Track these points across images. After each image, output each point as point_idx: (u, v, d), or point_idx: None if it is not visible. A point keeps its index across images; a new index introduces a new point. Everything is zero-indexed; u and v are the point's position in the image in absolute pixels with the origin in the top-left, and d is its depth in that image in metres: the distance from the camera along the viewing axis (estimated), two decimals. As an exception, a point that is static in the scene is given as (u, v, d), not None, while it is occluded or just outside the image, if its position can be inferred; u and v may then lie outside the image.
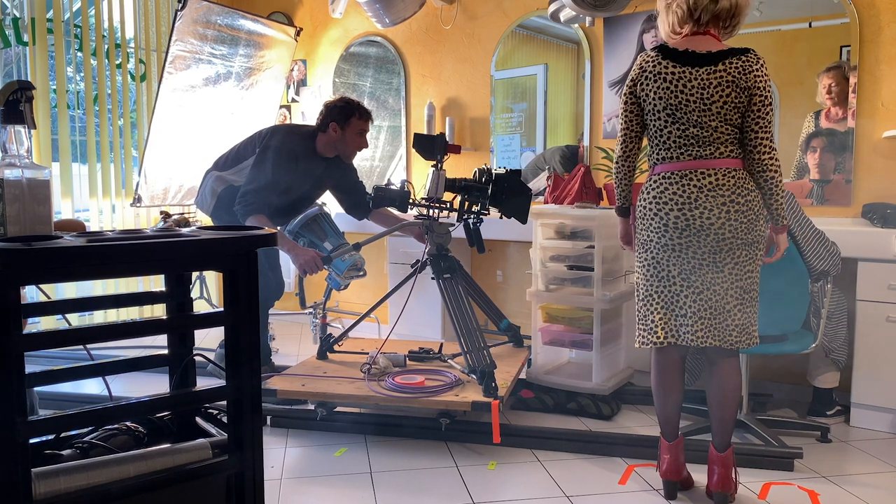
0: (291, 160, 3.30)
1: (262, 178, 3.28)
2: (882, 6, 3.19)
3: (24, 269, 1.18)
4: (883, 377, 2.91)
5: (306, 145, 3.38)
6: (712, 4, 2.15)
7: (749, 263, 2.19)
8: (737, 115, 2.15)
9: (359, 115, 3.36)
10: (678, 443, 2.35)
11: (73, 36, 4.47)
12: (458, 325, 2.95)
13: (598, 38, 4.00)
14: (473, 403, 2.69)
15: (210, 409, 1.63)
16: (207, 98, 4.74)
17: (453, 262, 3.16)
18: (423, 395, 2.78)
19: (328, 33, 5.16)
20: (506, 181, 3.06)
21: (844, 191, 3.31)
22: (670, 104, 2.17)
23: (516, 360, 3.28)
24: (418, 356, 3.30)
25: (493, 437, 2.68)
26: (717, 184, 2.15)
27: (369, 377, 2.97)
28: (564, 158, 4.14)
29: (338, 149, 3.41)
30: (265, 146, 3.34)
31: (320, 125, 3.40)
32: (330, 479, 2.55)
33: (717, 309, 2.18)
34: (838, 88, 3.29)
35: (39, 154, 4.24)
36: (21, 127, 1.40)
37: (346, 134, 3.36)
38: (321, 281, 4.27)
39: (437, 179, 3.10)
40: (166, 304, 1.63)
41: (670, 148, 2.21)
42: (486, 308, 3.47)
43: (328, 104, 3.41)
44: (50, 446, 1.42)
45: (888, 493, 2.41)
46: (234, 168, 3.47)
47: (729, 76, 2.11)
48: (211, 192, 3.49)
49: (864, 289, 2.92)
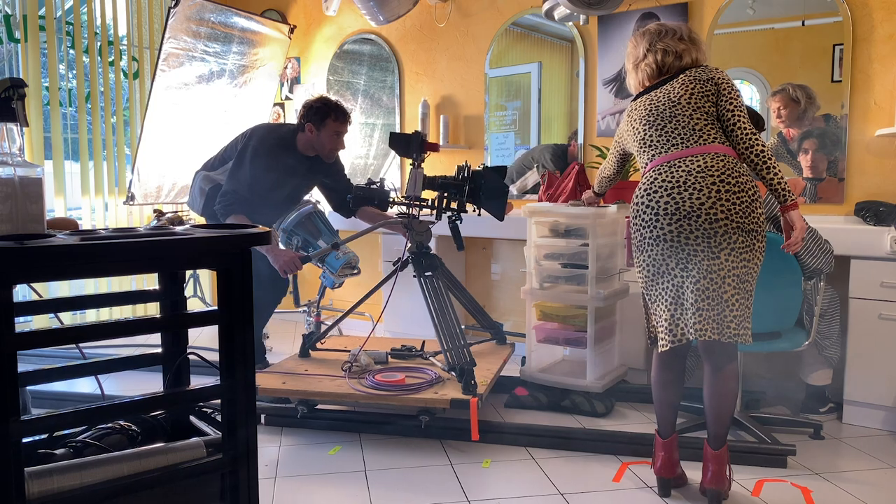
0: (270, 160, 3.32)
1: (241, 177, 3.30)
2: (875, 5, 3.20)
3: (16, 268, 1.17)
4: (875, 374, 2.92)
5: (286, 144, 3.39)
6: (677, 61, 2.33)
7: (746, 252, 2.15)
8: (708, 103, 2.22)
9: (335, 117, 3.36)
10: (673, 440, 2.36)
11: (66, 33, 4.45)
12: (438, 322, 2.98)
13: (593, 36, 4.00)
14: (452, 401, 2.71)
15: (204, 408, 1.63)
16: (201, 96, 4.72)
17: (434, 259, 3.17)
18: (402, 392, 2.79)
19: (322, 31, 5.14)
20: (483, 178, 3.08)
21: (837, 189, 3.32)
22: (643, 116, 2.32)
23: (498, 358, 3.30)
24: (401, 354, 3.31)
25: (472, 435, 2.70)
26: (706, 165, 2.16)
27: (350, 375, 2.98)
28: (554, 157, 4.17)
29: (315, 149, 3.42)
30: (245, 146, 3.37)
31: (299, 125, 3.42)
32: (324, 477, 2.55)
33: (714, 299, 2.16)
34: (787, 111, 3.38)
35: (32, 152, 4.22)
36: (13, 125, 1.39)
37: (322, 135, 3.36)
38: (316, 279, 4.27)
39: (414, 177, 3.12)
40: (160, 302, 1.62)
41: (655, 147, 2.28)
42: (470, 306, 3.49)
43: (306, 104, 3.43)
44: (43, 445, 1.41)
45: (880, 490, 2.43)
46: (220, 168, 3.50)
47: (688, 78, 2.29)
48: (199, 191, 3.52)
49: (856, 286, 2.94)
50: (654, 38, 2.35)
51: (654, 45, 2.34)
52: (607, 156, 2.68)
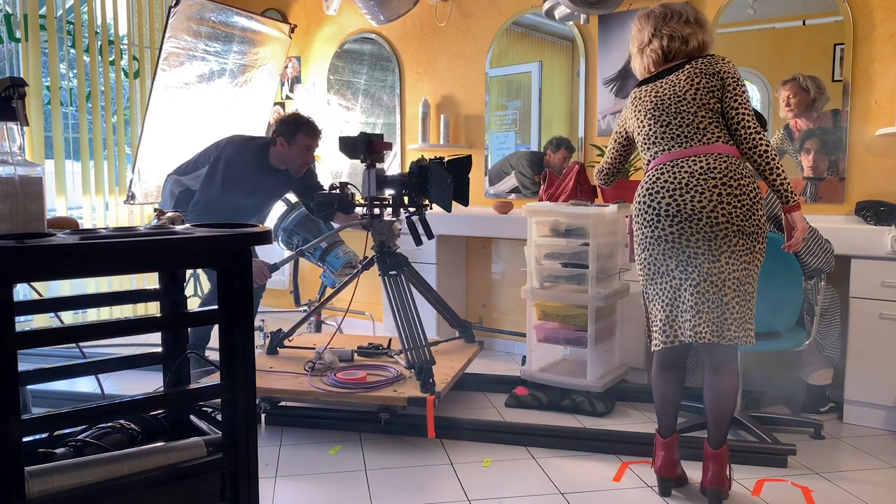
0: (243, 172, 3.39)
1: (212, 189, 3.38)
2: (875, 4, 3.20)
3: (16, 267, 1.17)
4: (876, 374, 2.92)
5: (258, 157, 3.47)
6: (683, 46, 2.28)
7: (747, 254, 2.15)
8: (713, 100, 2.18)
9: (305, 133, 3.43)
10: (673, 439, 2.35)
11: (66, 32, 4.45)
12: (399, 321, 3.01)
13: (593, 36, 4.00)
14: (409, 399, 2.74)
15: (204, 407, 1.63)
16: (201, 95, 4.72)
17: (399, 258, 3.21)
18: (361, 390, 2.83)
19: (322, 30, 5.14)
20: (431, 171, 3.10)
21: (838, 188, 3.32)
22: (648, 110, 2.27)
23: (464, 356, 3.33)
24: (367, 352, 3.34)
25: (428, 432, 2.74)
26: (708, 167, 2.15)
27: (313, 373, 3.01)
28: (531, 164, 4.26)
29: (286, 162, 3.49)
30: (217, 158, 3.44)
31: (271, 138, 3.49)
32: (324, 476, 2.55)
33: (714, 302, 2.15)
34: (796, 100, 3.35)
35: (32, 151, 4.22)
36: (13, 124, 1.39)
37: (293, 149, 3.43)
38: (316, 279, 4.27)
39: (367, 178, 3.16)
40: (160, 301, 1.62)
41: (658, 144, 2.25)
42: (437, 305, 3.53)
43: (279, 118, 3.52)
44: (43, 445, 1.41)
45: (881, 490, 2.43)
46: (191, 174, 3.57)
47: (695, 69, 2.22)
48: (170, 194, 3.60)
49: (857, 286, 2.93)
50: (659, 21, 2.30)
51: (659, 30, 2.29)
52: (608, 148, 2.56)
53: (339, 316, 4.64)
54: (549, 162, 4.19)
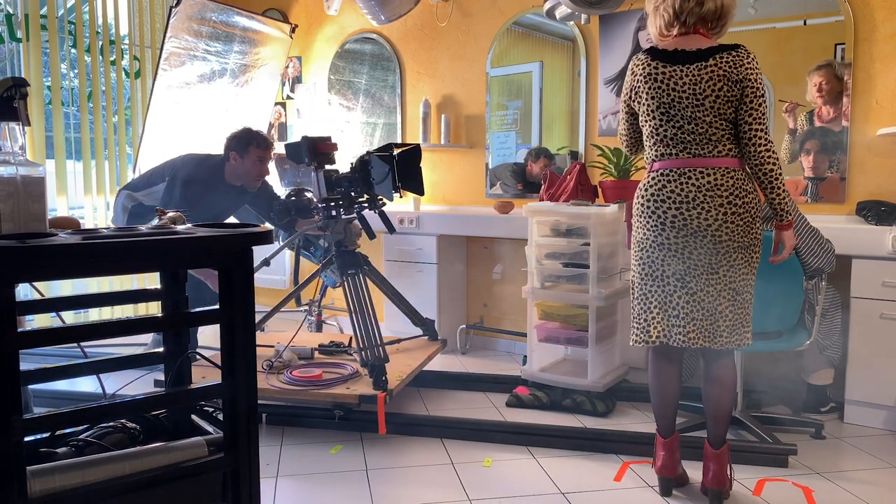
0: (200, 190, 3.42)
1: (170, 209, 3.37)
2: (876, 4, 3.20)
3: (18, 267, 1.17)
4: (876, 374, 2.92)
5: (215, 175, 3.51)
6: (697, 7, 2.17)
7: (744, 266, 2.17)
8: (730, 110, 2.14)
9: (256, 144, 3.48)
10: (673, 439, 2.36)
11: (67, 32, 4.45)
12: (355, 320, 3.04)
13: (594, 36, 4.00)
14: (361, 396, 2.79)
15: (205, 407, 1.63)
16: (202, 95, 4.72)
17: (357, 257, 3.25)
18: (313, 388, 2.87)
19: (323, 30, 5.14)
20: (371, 164, 3.13)
21: (839, 188, 3.32)
22: (663, 103, 2.18)
23: (424, 354, 3.39)
24: (328, 349, 3.37)
25: (379, 429, 2.79)
26: (715, 184, 2.14)
27: (270, 371, 3.04)
28: (514, 175, 4.34)
29: (240, 177, 3.53)
30: (173, 177, 3.47)
31: (224, 155, 3.53)
32: (326, 476, 2.55)
33: (708, 311, 2.17)
34: (829, 87, 3.30)
35: (34, 151, 4.22)
36: (15, 124, 1.40)
37: (246, 162, 3.49)
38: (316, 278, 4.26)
39: (316, 180, 3.19)
40: (161, 301, 1.62)
41: (668, 146, 2.20)
42: (399, 303, 3.57)
43: (230, 134, 3.55)
44: (45, 444, 1.41)
45: (882, 489, 2.43)
46: (144, 190, 3.61)
47: (720, 70, 2.11)
48: (122, 208, 3.64)
49: (858, 286, 2.93)
50: None
51: None
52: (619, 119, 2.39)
53: (339, 315, 4.65)
54: (531, 172, 4.28)
